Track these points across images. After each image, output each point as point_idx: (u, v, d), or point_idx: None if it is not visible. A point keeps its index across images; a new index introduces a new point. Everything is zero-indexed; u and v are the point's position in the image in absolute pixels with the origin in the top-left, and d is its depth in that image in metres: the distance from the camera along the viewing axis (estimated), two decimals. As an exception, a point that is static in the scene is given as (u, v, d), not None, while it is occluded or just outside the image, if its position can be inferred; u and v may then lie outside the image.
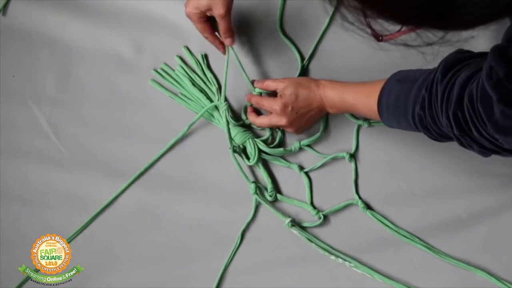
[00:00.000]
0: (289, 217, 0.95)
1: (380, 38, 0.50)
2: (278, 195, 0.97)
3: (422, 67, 0.77)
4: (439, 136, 0.72)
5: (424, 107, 0.70)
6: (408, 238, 0.94)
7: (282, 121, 0.92)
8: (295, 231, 0.95)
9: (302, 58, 0.99)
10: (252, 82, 0.97)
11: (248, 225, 0.96)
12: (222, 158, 0.99)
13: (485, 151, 0.66)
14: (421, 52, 0.49)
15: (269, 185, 0.97)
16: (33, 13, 1.05)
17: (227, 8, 0.87)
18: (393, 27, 0.47)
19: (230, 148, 0.95)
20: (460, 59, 0.67)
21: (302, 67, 0.99)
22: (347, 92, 0.88)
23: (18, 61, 1.04)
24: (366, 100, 0.84)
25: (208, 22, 0.91)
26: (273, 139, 0.99)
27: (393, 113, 0.79)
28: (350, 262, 0.93)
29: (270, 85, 0.94)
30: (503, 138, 0.58)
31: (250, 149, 0.96)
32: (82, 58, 1.04)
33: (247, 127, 0.99)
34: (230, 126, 0.96)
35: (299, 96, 0.91)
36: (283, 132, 0.99)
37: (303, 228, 0.96)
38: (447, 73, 0.67)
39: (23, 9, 1.05)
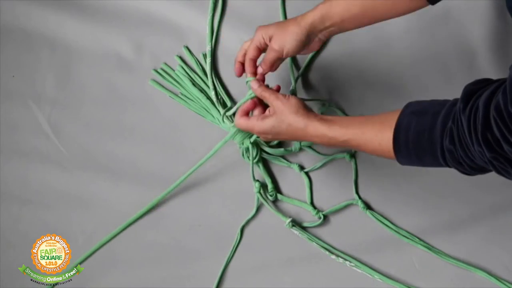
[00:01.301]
0: (290, 217, 0.95)
1: None
2: (278, 195, 0.97)
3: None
4: (471, 169, 0.68)
5: (453, 141, 0.66)
6: (408, 238, 0.94)
7: (260, 135, 0.86)
8: (295, 231, 0.95)
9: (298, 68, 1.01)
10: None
11: (248, 222, 0.96)
12: (222, 159, 0.99)
13: None
14: None
15: (269, 185, 0.97)
16: (33, 13, 1.05)
17: (289, 54, 0.85)
18: None
19: (240, 148, 0.96)
20: (479, 88, 0.65)
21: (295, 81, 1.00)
22: (348, 131, 0.78)
23: (18, 61, 1.04)
24: (375, 140, 0.75)
25: (260, 53, 0.88)
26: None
27: (415, 150, 0.71)
28: (350, 262, 0.94)
29: (267, 97, 0.85)
30: None
31: (251, 148, 0.96)
32: (82, 58, 1.04)
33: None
34: (230, 125, 0.96)
35: (281, 133, 0.83)
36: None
37: (304, 228, 0.96)
38: (468, 101, 0.65)
39: (23, 9, 1.05)
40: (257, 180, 0.96)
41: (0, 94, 1.03)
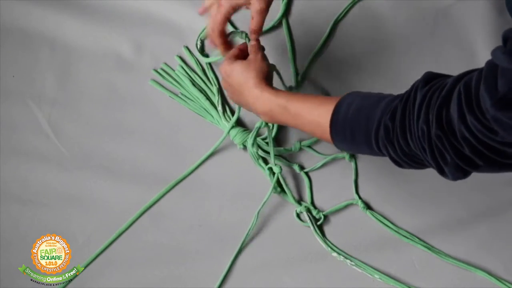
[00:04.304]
0: (302, 203, 0.96)
1: None
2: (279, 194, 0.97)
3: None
4: (402, 154, 0.65)
5: (394, 118, 0.64)
6: (408, 238, 0.94)
7: (223, 84, 0.87)
8: (303, 222, 0.95)
9: (297, 73, 1.01)
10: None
11: (263, 206, 0.95)
12: (222, 158, 0.99)
13: (461, 163, 0.60)
14: None
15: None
16: (33, 13, 1.05)
17: (267, 2, 0.81)
18: None
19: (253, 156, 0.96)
20: (443, 76, 0.64)
21: (296, 81, 1.00)
22: (292, 100, 0.77)
23: (18, 61, 1.04)
24: (315, 111, 0.74)
25: (226, 25, 0.85)
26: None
27: (350, 125, 0.70)
28: (351, 261, 0.94)
29: (253, 45, 0.84)
30: (506, 115, 0.53)
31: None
32: (82, 58, 1.04)
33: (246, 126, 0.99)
34: (229, 127, 0.96)
35: (232, 82, 0.83)
36: (278, 130, 0.98)
37: (313, 219, 0.96)
38: (429, 81, 0.63)
39: (23, 9, 1.05)
40: (276, 165, 0.95)
41: (0, 94, 1.03)
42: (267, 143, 0.97)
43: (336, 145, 0.74)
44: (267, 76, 0.82)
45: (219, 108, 0.99)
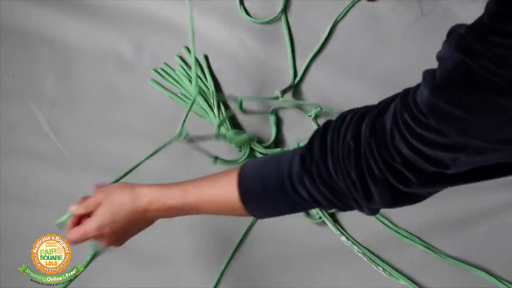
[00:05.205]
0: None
1: None
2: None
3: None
4: (321, 183, 0.59)
5: (311, 147, 0.60)
6: (408, 238, 0.94)
7: (102, 243, 0.75)
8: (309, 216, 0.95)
9: (295, 73, 1.01)
10: None
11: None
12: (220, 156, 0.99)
13: (391, 177, 0.55)
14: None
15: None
16: (32, 13, 1.05)
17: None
18: None
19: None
20: (350, 111, 0.62)
21: (293, 83, 1.00)
22: (186, 188, 0.70)
23: (18, 61, 1.04)
24: (219, 182, 0.67)
25: None
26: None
27: (260, 176, 0.63)
28: (358, 248, 0.93)
29: (79, 208, 0.77)
30: (443, 100, 0.50)
31: (247, 151, 0.96)
32: (82, 58, 1.04)
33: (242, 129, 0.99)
34: (226, 130, 0.97)
35: (116, 217, 0.73)
36: (277, 130, 0.98)
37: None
38: (345, 116, 0.61)
39: (23, 9, 1.05)
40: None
41: (0, 94, 1.03)
42: (264, 146, 0.97)
43: (248, 207, 0.65)
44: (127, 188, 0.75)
45: (215, 110, 0.99)
